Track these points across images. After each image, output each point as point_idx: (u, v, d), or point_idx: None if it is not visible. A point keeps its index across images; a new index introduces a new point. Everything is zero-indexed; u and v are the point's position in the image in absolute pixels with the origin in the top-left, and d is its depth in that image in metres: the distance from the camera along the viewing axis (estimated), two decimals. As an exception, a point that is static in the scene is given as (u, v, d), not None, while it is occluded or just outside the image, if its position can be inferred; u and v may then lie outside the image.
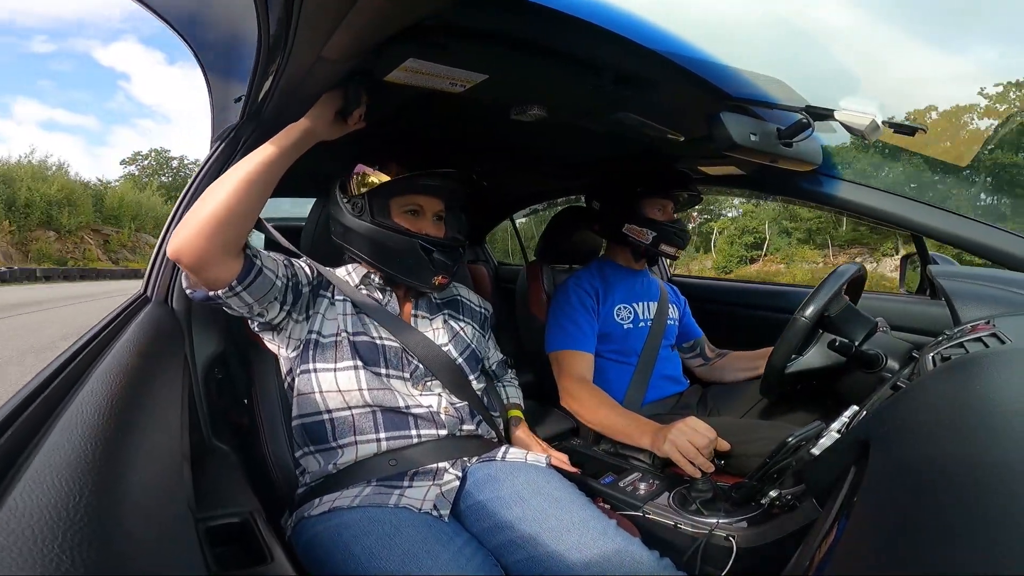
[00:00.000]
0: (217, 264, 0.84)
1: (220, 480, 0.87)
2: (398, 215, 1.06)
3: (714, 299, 2.11)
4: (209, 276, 0.85)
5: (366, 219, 1.03)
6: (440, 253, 1.04)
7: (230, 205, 0.83)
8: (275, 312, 0.95)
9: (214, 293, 0.87)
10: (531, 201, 2.52)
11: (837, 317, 1.15)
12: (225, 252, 0.84)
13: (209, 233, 0.82)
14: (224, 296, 0.88)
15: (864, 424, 0.78)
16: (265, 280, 0.90)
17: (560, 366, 1.44)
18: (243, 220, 0.85)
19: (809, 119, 1.10)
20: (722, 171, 1.55)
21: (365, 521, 0.84)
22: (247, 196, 0.84)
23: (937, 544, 0.36)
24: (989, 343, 0.76)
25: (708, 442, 1.05)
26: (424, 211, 1.07)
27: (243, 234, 0.87)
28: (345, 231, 1.06)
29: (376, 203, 1.04)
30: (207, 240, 0.82)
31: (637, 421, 1.23)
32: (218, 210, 0.82)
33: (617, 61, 0.95)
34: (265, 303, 0.92)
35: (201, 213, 0.82)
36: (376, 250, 1.04)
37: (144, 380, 0.65)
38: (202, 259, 0.83)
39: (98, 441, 0.43)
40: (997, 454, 0.44)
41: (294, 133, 0.89)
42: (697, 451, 1.05)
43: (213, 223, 0.82)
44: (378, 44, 0.77)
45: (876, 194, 1.36)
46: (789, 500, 0.93)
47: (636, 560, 0.80)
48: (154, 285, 1.08)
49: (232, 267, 0.86)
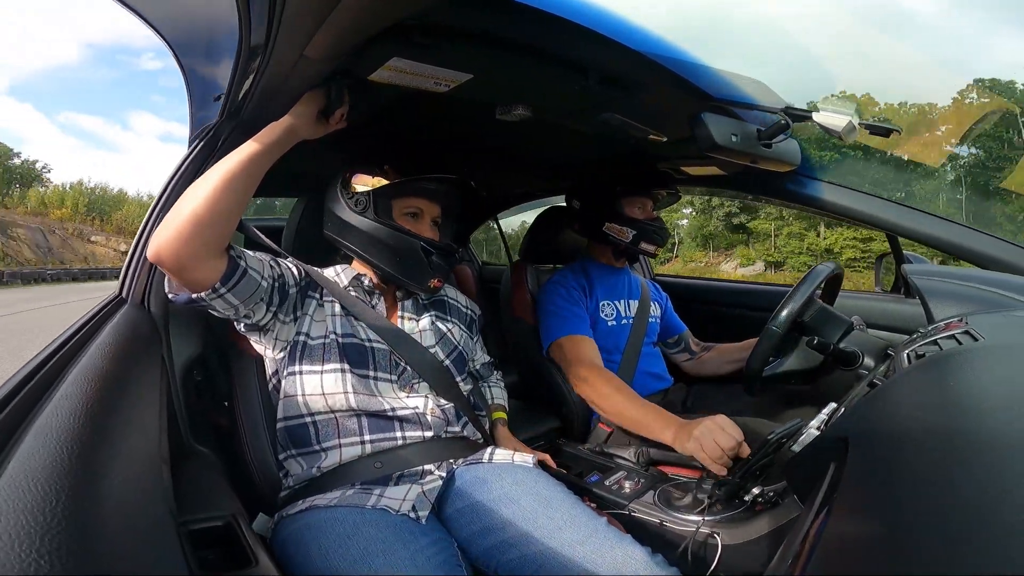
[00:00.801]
0: (199, 266, 0.83)
1: (201, 483, 0.85)
2: (399, 216, 1.06)
3: (697, 298, 2.14)
4: (191, 278, 0.83)
5: (369, 216, 1.03)
6: (438, 256, 1.05)
7: (211, 205, 0.81)
8: (261, 313, 0.94)
9: (197, 296, 0.85)
10: (516, 201, 2.52)
11: (813, 318, 1.16)
12: (207, 253, 0.83)
13: (190, 234, 0.80)
14: (208, 298, 0.86)
15: (843, 421, 0.79)
16: (250, 281, 0.89)
17: (565, 354, 1.41)
18: (225, 220, 0.83)
19: (788, 120, 1.11)
20: (704, 172, 1.57)
21: (328, 521, 0.83)
22: (229, 195, 0.82)
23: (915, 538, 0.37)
24: (962, 340, 0.78)
25: (735, 444, 1.01)
26: (423, 215, 1.08)
27: (225, 234, 0.85)
28: (343, 227, 1.06)
29: (379, 202, 1.04)
30: (188, 241, 0.80)
31: (658, 413, 1.19)
32: (199, 210, 0.80)
33: (602, 62, 0.95)
34: (251, 304, 0.91)
35: (181, 214, 0.80)
36: (375, 248, 1.04)
37: (120, 383, 0.64)
38: (183, 261, 0.81)
39: (74, 445, 0.42)
40: (972, 449, 0.45)
41: (276, 131, 0.88)
42: (723, 452, 1.01)
43: (194, 224, 0.80)
44: (361, 43, 0.76)
45: (853, 195, 1.39)
46: (772, 497, 0.94)
47: (629, 556, 0.80)
48: (130, 286, 1.06)
49: (215, 268, 0.84)
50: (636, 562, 0.79)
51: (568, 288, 1.49)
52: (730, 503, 0.97)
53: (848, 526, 0.46)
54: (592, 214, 1.55)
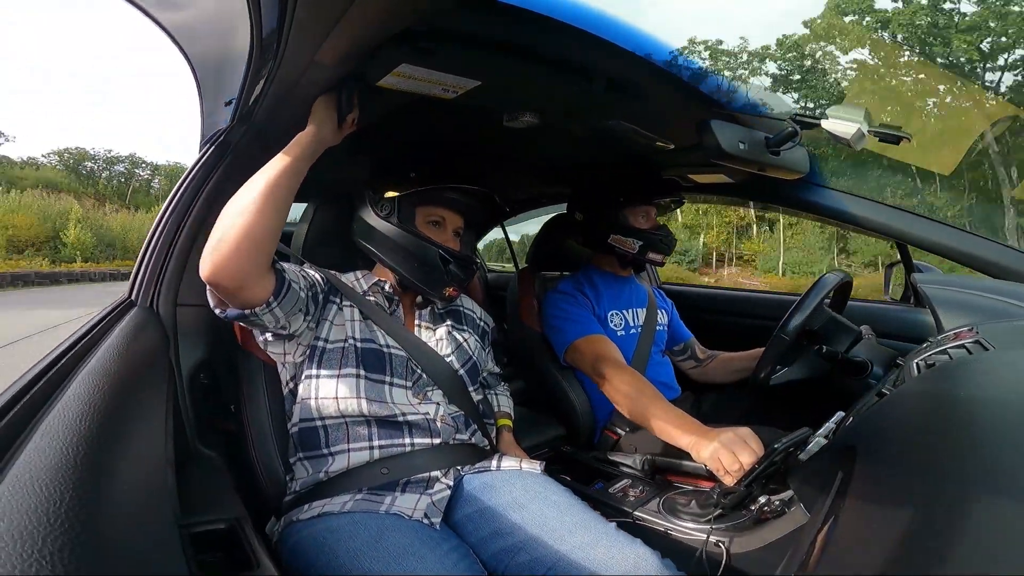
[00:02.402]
0: (256, 283, 0.83)
1: (206, 486, 0.86)
2: (421, 224, 1.07)
3: (704, 306, 2.13)
4: (248, 295, 0.84)
5: (393, 222, 1.05)
6: (456, 266, 1.05)
7: (261, 222, 0.81)
8: (299, 323, 0.94)
9: (250, 311, 0.86)
10: (520, 208, 2.52)
11: (822, 327, 1.16)
12: (261, 269, 0.83)
13: (245, 253, 0.80)
14: (260, 314, 0.86)
15: (851, 430, 0.79)
16: (293, 293, 0.90)
17: (585, 355, 1.37)
18: (273, 235, 0.84)
19: (796, 128, 1.11)
20: (711, 179, 1.57)
21: (352, 525, 0.83)
22: (273, 210, 0.83)
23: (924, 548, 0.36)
24: (973, 350, 0.78)
25: (756, 460, 0.94)
26: (446, 224, 1.09)
27: (273, 250, 0.86)
28: (368, 231, 1.07)
29: (403, 208, 1.06)
30: (245, 260, 0.80)
31: (681, 418, 1.12)
32: (251, 228, 0.80)
33: (609, 69, 0.96)
34: (292, 315, 0.92)
35: (232, 233, 0.80)
36: (396, 253, 1.05)
37: (128, 385, 0.64)
38: (243, 279, 0.81)
39: (80, 446, 0.42)
40: (981, 458, 0.44)
41: (305, 141, 0.88)
42: (741, 466, 0.95)
43: (249, 242, 0.80)
44: (371, 49, 0.77)
45: (862, 203, 1.38)
46: (778, 506, 0.93)
47: (641, 559, 0.79)
48: (139, 289, 1.07)
49: (268, 283, 0.85)
50: (648, 565, 0.79)
51: (574, 294, 1.48)
52: (736, 512, 0.96)
53: (855, 534, 0.45)
54: (595, 226, 1.53)
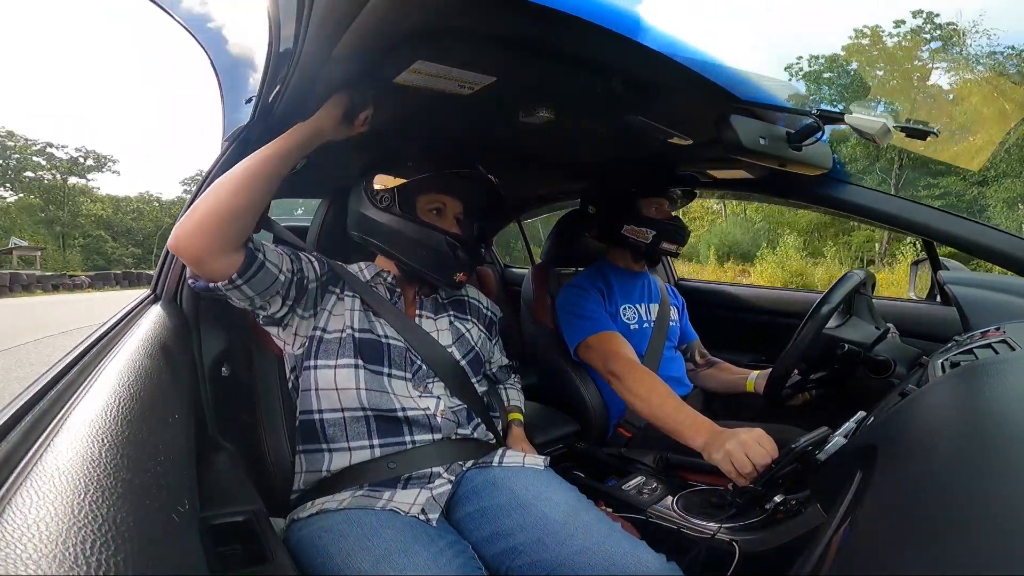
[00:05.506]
0: (215, 258, 0.85)
1: (225, 478, 0.87)
2: (423, 212, 1.07)
3: (720, 303, 2.10)
4: (208, 269, 0.86)
5: (394, 212, 1.04)
6: (463, 251, 1.05)
7: (231, 201, 0.84)
8: (277, 306, 0.95)
9: (214, 285, 0.88)
10: (534, 204, 2.51)
11: (845, 324, 1.13)
12: (224, 247, 0.85)
13: (208, 228, 0.83)
14: (224, 288, 0.88)
15: (872, 430, 0.77)
16: (267, 274, 0.90)
17: (596, 352, 1.38)
18: (244, 216, 0.85)
19: (820, 123, 1.09)
20: (731, 175, 1.54)
21: (345, 523, 0.84)
22: (249, 192, 0.85)
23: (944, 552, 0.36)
24: (999, 350, 0.76)
25: (769, 462, 0.93)
26: (446, 211, 1.09)
27: (243, 230, 0.87)
28: (368, 224, 1.07)
29: (403, 199, 1.05)
30: (205, 235, 0.83)
31: (694, 418, 1.11)
32: (219, 206, 0.83)
33: (626, 64, 0.95)
34: (267, 297, 0.92)
35: (203, 208, 0.83)
36: (401, 243, 1.05)
37: (152, 377, 0.66)
38: (200, 253, 0.84)
39: (105, 438, 0.43)
40: (1006, 460, 0.43)
41: (300, 132, 0.90)
42: (753, 468, 0.93)
43: (214, 219, 0.83)
44: (387, 46, 0.77)
45: (887, 199, 1.35)
46: (794, 505, 0.92)
47: (642, 563, 0.79)
48: (163, 284, 1.09)
49: (232, 261, 0.86)
50: (649, 568, 0.79)
51: (587, 288, 1.48)
52: (750, 511, 0.96)
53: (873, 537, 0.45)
54: (609, 218, 1.54)
